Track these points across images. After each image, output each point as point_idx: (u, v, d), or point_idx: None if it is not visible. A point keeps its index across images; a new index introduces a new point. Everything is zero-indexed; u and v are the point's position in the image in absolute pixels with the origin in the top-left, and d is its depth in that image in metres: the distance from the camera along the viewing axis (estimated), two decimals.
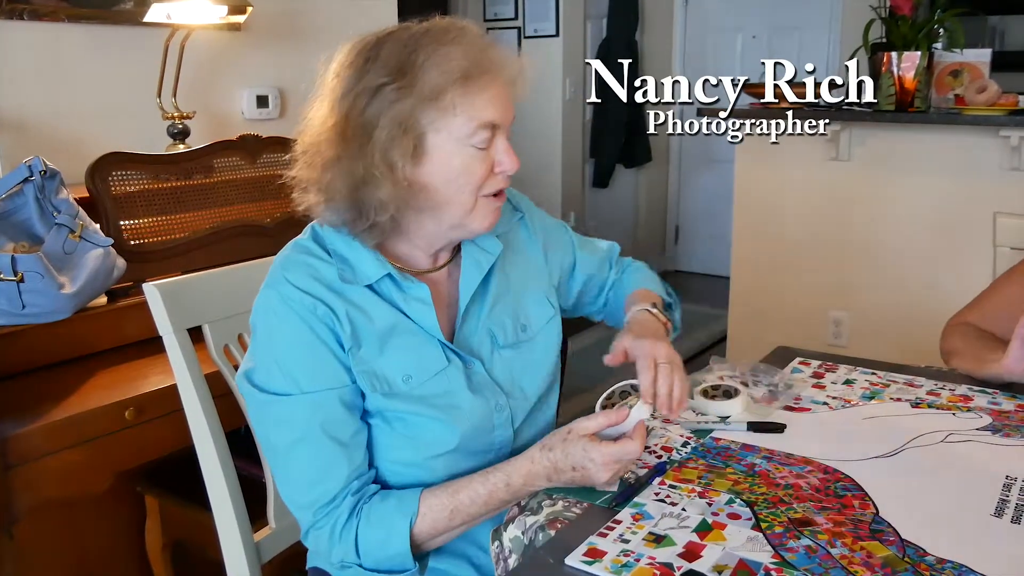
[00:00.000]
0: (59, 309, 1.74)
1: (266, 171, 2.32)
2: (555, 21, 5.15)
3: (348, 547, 1.11)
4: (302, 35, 2.94)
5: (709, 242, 6.15)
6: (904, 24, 2.96)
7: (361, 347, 1.13)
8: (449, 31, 1.12)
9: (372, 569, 1.13)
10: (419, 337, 1.17)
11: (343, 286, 1.14)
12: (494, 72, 1.11)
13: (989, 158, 2.99)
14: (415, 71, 1.08)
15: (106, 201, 1.97)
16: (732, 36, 5.89)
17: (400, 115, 1.08)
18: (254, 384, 1.14)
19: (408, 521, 1.10)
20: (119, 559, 2.01)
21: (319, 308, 1.11)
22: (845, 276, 3.39)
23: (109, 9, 2.43)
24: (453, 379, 1.18)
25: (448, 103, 1.08)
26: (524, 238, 1.35)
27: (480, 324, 1.24)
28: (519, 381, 1.25)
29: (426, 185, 1.12)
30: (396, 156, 1.09)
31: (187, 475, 1.65)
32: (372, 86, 1.09)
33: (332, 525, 1.12)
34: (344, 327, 1.12)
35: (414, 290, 1.17)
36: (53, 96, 2.34)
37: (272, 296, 1.13)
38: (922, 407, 1.36)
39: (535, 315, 1.30)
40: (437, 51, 1.09)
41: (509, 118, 1.14)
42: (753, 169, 3.55)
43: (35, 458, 1.57)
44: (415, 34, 1.12)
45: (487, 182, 1.14)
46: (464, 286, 1.22)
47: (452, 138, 1.10)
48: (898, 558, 0.94)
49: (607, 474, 1.08)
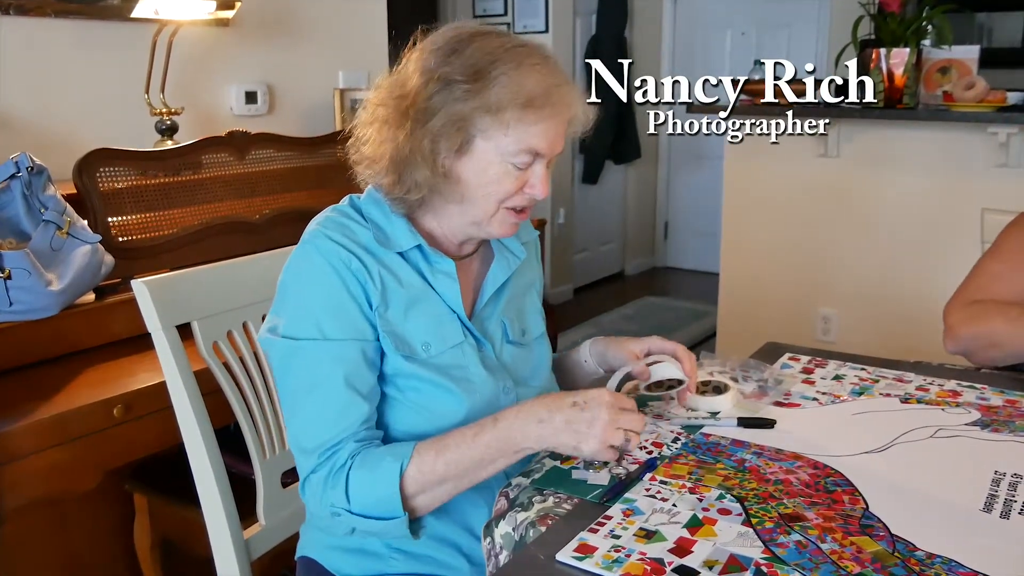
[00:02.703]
0: (46, 306, 1.73)
1: (255, 167, 2.31)
2: (544, 18, 5.15)
3: (340, 491, 1.12)
4: (291, 31, 2.93)
5: (698, 238, 6.17)
6: (893, 21, 2.97)
7: (388, 308, 1.18)
8: (533, 55, 1.17)
9: (360, 514, 1.13)
10: (440, 309, 1.23)
11: (377, 247, 1.20)
12: (557, 108, 1.17)
13: (977, 154, 3.00)
14: (488, 81, 1.13)
15: (94, 197, 1.96)
16: (721, 33, 5.90)
17: (459, 113, 1.14)
18: (278, 332, 1.17)
19: (399, 464, 1.11)
20: (107, 557, 2.00)
21: (353, 263, 1.16)
22: (834, 272, 3.40)
23: (96, 4, 2.41)
24: (467, 354, 1.23)
25: (504, 120, 1.14)
26: (531, 257, 1.42)
27: (495, 313, 1.30)
28: (523, 374, 1.31)
29: (461, 180, 1.18)
30: (442, 147, 1.15)
31: (176, 473, 1.64)
32: (446, 78, 1.14)
33: (329, 468, 1.13)
34: (376, 285, 1.17)
35: (441, 264, 1.23)
36: (40, 92, 2.33)
37: (308, 249, 1.19)
38: (911, 403, 1.37)
39: (533, 324, 1.37)
40: (514, 70, 1.14)
41: (556, 151, 1.20)
42: (743, 165, 3.56)
43: (22, 456, 1.56)
44: (504, 45, 1.17)
45: (513, 197, 1.20)
46: (492, 276, 1.30)
47: (498, 150, 1.16)
48: (888, 553, 0.94)
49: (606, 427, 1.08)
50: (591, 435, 1.09)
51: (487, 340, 1.27)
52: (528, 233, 1.41)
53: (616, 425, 1.10)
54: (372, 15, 3.21)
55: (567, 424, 1.09)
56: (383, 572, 1.25)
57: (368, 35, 3.19)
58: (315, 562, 1.30)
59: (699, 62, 6.00)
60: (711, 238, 5.17)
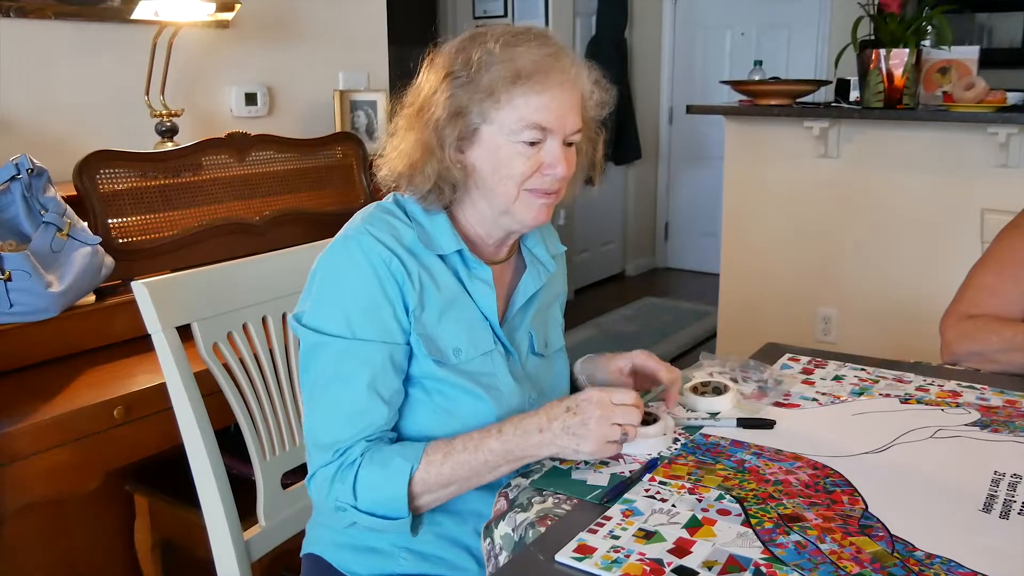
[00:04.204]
0: (47, 308, 1.73)
1: (255, 169, 2.31)
2: (544, 18, 5.15)
3: (347, 487, 1.13)
4: (290, 32, 2.93)
5: (699, 239, 6.17)
6: (892, 21, 2.97)
7: (424, 310, 1.18)
8: (529, 34, 1.19)
9: (366, 511, 1.14)
10: (474, 316, 1.23)
11: (420, 248, 1.20)
12: (550, 76, 1.16)
13: (977, 155, 3.00)
14: (480, 66, 1.16)
15: (94, 199, 1.96)
16: (721, 33, 5.90)
17: (458, 102, 1.16)
18: (305, 324, 1.18)
19: (409, 466, 1.12)
20: (108, 558, 2.00)
21: (394, 263, 1.17)
22: (834, 273, 3.40)
23: (97, 6, 2.41)
24: (496, 362, 1.24)
25: (498, 99, 1.15)
26: (559, 270, 1.43)
27: (524, 324, 1.31)
28: (546, 387, 1.32)
29: (476, 168, 1.20)
30: (447, 137, 1.17)
31: (176, 474, 1.64)
32: (448, 75, 1.18)
33: (339, 464, 1.14)
34: (415, 286, 1.18)
35: (479, 270, 1.24)
36: (40, 93, 2.33)
37: (350, 243, 1.19)
38: (911, 403, 1.37)
39: (554, 337, 1.39)
40: (506, 51, 1.16)
41: (566, 125, 1.19)
42: (742, 166, 3.56)
43: (23, 457, 1.56)
44: (504, 34, 1.19)
45: (532, 178, 1.19)
46: (523, 286, 1.31)
47: (503, 131, 1.17)
48: (887, 553, 0.94)
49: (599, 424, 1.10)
50: (587, 435, 1.10)
51: (514, 350, 1.28)
52: (557, 246, 1.42)
53: (610, 421, 1.11)
54: (372, 16, 3.21)
55: (564, 429, 1.11)
56: (391, 571, 1.25)
57: (368, 36, 3.19)
58: (322, 559, 1.30)
59: (698, 63, 6.01)
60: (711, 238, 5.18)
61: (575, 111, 1.20)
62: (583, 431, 1.10)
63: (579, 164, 1.28)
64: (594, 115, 1.28)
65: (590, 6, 5.51)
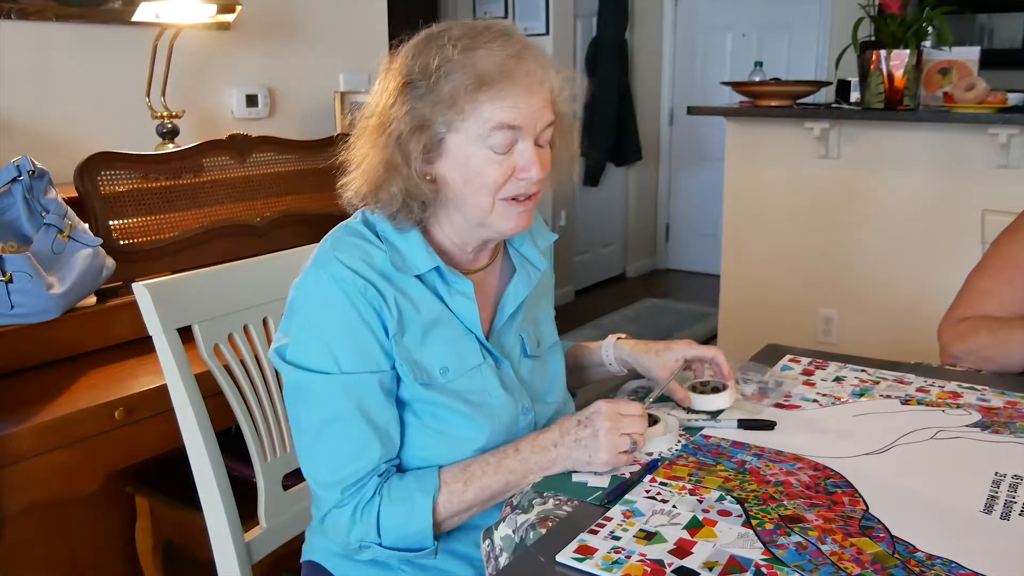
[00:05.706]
0: (48, 309, 1.74)
1: (255, 170, 2.31)
2: (545, 20, 5.15)
3: (369, 526, 1.13)
4: (291, 34, 2.94)
5: (699, 240, 6.17)
6: (893, 22, 2.97)
7: (405, 334, 1.16)
8: (484, 35, 1.12)
9: (391, 547, 1.14)
10: (458, 331, 1.20)
11: (393, 272, 1.16)
12: (516, 79, 1.10)
13: (978, 156, 3.00)
14: (438, 74, 1.10)
15: (95, 201, 1.96)
16: (722, 35, 5.90)
17: (419, 114, 1.11)
18: (289, 361, 1.15)
19: (430, 498, 1.12)
20: (109, 560, 2.00)
21: (369, 291, 1.13)
22: (835, 274, 3.40)
23: (97, 8, 2.42)
24: (487, 376, 1.21)
25: (462, 108, 1.10)
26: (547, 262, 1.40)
27: (514, 329, 1.28)
28: (540, 389, 1.30)
29: (447, 181, 1.15)
30: (412, 151, 1.12)
31: (177, 475, 1.64)
32: (406, 83, 1.12)
33: (356, 504, 1.13)
34: (391, 312, 1.14)
35: (459, 284, 1.20)
36: (41, 95, 2.33)
37: (321, 275, 1.14)
38: (911, 404, 1.37)
39: (547, 333, 1.36)
40: (464, 56, 1.10)
41: (535, 125, 1.13)
42: (743, 167, 3.56)
43: (24, 459, 1.56)
44: (462, 35, 1.12)
45: (506, 186, 1.14)
46: (513, 292, 1.27)
47: (468, 140, 1.12)
48: (888, 554, 0.94)
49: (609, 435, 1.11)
50: (599, 447, 1.12)
51: (505, 358, 1.25)
52: (545, 239, 1.37)
53: (620, 431, 1.12)
54: (372, 17, 3.22)
55: (577, 443, 1.13)
56: None
57: (368, 37, 3.19)
58: (322, 567, 1.30)
59: (699, 64, 6.01)
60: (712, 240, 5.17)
61: (545, 109, 1.14)
62: (594, 443, 1.12)
63: (555, 159, 1.21)
64: (566, 111, 1.20)
65: (591, 7, 5.51)
